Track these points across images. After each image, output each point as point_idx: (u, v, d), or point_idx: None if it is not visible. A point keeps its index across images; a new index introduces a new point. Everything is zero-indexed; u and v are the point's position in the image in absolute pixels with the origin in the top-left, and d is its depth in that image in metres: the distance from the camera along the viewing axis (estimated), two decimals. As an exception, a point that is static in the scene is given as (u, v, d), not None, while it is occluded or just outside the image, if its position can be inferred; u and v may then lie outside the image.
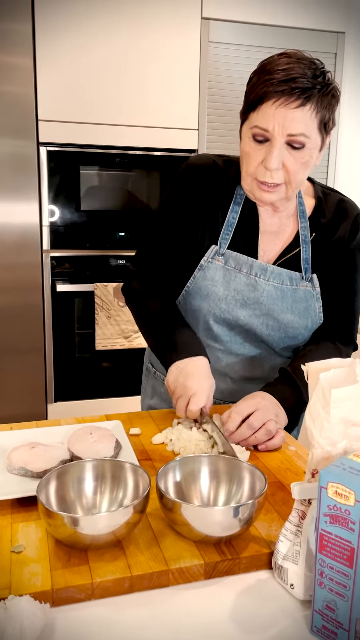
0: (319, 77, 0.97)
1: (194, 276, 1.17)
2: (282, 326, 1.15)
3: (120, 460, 0.80)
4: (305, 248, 1.15)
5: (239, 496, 0.79)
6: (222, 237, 1.15)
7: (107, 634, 0.62)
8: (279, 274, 1.14)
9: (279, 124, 0.97)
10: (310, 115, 0.97)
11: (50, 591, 0.65)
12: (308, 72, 0.96)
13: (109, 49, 2.40)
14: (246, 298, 1.14)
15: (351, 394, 0.64)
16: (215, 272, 1.15)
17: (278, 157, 0.99)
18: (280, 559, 0.69)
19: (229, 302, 1.15)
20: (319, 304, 1.17)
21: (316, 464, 0.66)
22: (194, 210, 1.16)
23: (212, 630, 0.62)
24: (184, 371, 1.05)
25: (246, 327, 1.16)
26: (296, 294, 1.15)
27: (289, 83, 0.95)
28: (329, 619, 0.60)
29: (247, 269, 1.14)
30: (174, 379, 1.06)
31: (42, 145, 2.38)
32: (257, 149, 1.01)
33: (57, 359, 2.57)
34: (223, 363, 1.22)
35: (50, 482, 0.75)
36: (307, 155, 1.01)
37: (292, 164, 1.00)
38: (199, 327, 1.20)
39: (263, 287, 1.14)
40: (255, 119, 0.99)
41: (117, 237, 2.57)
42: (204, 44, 2.53)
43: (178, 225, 1.18)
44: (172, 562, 0.69)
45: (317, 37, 2.69)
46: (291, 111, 0.96)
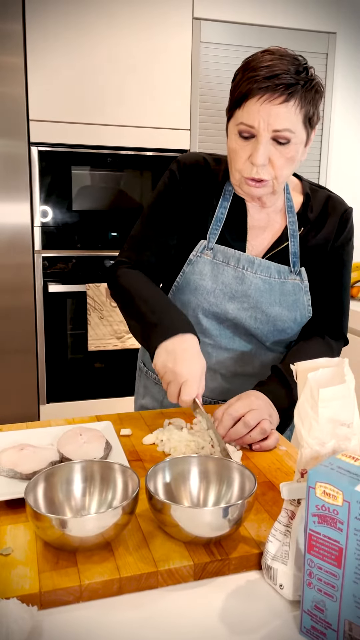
0: (302, 72, 0.98)
1: (183, 271, 1.18)
2: (270, 319, 1.16)
3: (109, 462, 0.79)
4: (293, 242, 1.16)
5: (229, 496, 0.79)
6: (211, 232, 1.16)
7: (95, 637, 0.61)
8: (267, 267, 1.15)
9: (264, 120, 0.98)
10: (294, 110, 0.98)
11: (38, 594, 0.64)
12: (291, 69, 0.97)
13: (100, 49, 2.39)
14: (234, 291, 1.15)
15: (339, 394, 0.64)
16: (204, 266, 1.16)
17: (264, 153, 1.00)
18: (269, 559, 0.68)
19: (217, 296, 1.15)
20: (308, 297, 1.18)
21: (305, 463, 0.66)
22: (183, 207, 1.17)
23: (201, 632, 0.62)
24: (172, 354, 0.99)
25: (235, 320, 1.17)
26: (284, 287, 1.16)
27: (272, 79, 0.96)
28: (317, 619, 0.60)
29: (234, 262, 1.15)
30: (162, 363, 1.00)
31: (33, 145, 2.38)
32: (244, 145, 1.02)
33: (49, 360, 2.56)
34: (213, 359, 1.21)
35: (38, 483, 0.74)
36: (293, 150, 1.02)
37: (278, 159, 1.02)
38: None
39: (251, 280, 1.14)
40: (241, 115, 1.00)
41: (109, 237, 2.56)
42: (195, 44, 2.53)
43: (167, 221, 1.19)
44: (162, 563, 0.69)
45: (309, 38, 2.69)
46: (275, 107, 0.97)
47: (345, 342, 1.25)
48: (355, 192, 2.94)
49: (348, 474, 0.57)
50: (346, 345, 1.26)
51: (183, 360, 0.99)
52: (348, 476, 0.57)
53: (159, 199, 1.20)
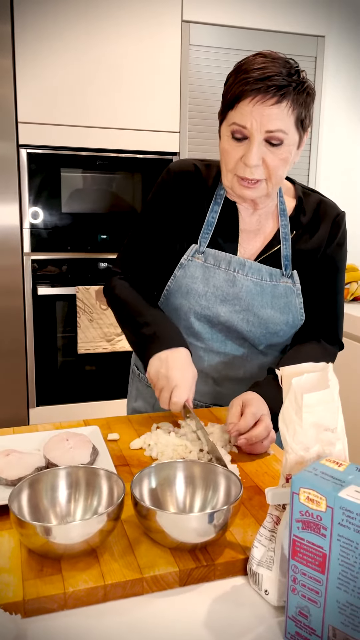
0: (294, 75, 0.99)
1: (174, 275, 1.18)
2: (262, 322, 1.16)
3: (94, 467, 0.79)
4: (285, 245, 1.16)
5: (215, 502, 0.79)
6: (202, 236, 1.16)
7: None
8: (258, 270, 1.15)
9: (256, 121, 0.98)
10: (287, 112, 0.99)
11: (21, 602, 0.64)
12: (283, 71, 0.98)
13: (89, 51, 2.39)
14: (225, 294, 1.15)
15: (323, 399, 0.64)
16: (195, 270, 1.16)
17: (257, 154, 1.01)
18: (254, 564, 0.68)
19: (209, 299, 1.16)
20: (300, 300, 1.18)
21: (290, 468, 0.66)
22: (175, 214, 1.18)
23: (187, 638, 0.62)
24: (165, 362, 1.05)
25: (227, 323, 1.17)
26: (276, 289, 1.16)
27: (264, 81, 0.97)
28: (302, 625, 0.60)
29: (225, 264, 1.15)
30: (155, 370, 1.05)
31: (22, 148, 2.37)
32: (236, 147, 1.03)
33: (39, 363, 2.55)
34: (205, 363, 1.21)
35: (22, 490, 0.74)
36: (286, 151, 1.02)
37: (272, 159, 1.02)
38: (180, 325, 1.20)
39: (242, 282, 1.15)
40: (234, 116, 1.01)
41: (98, 239, 2.55)
42: (184, 47, 2.53)
43: (160, 229, 1.19)
44: (147, 570, 0.69)
45: (298, 41, 2.70)
46: (268, 108, 0.98)
47: (340, 346, 1.25)
48: (345, 194, 2.95)
49: (332, 479, 0.57)
50: (341, 349, 1.26)
51: (175, 367, 1.04)
52: (332, 482, 0.57)
53: (151, 209, 1.21)
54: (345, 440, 0.66)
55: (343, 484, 0.56)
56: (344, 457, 0.66)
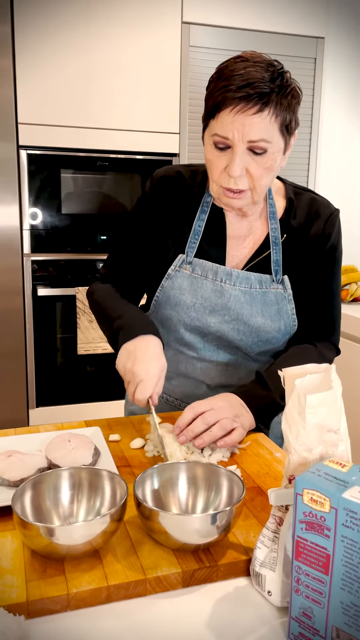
0: (277, 79, 0.96)
1: (162, 286, 1.16)
2: (253, 330, 1.14)
3: (97, 468, 0.79)
4: (275, 250, 1.14)
5: (217, 503, 0.79)
6: (189, 246, 1.14)
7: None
8: (247, 278, 1.13)
9: (238, 131, 0.96)
10: (269, 119, 0.96)
11: (25, 603, 0.64)
12: (265, 76, 0.95)
13: (89, 53, 2.39)
14: (214, 304, 1.13)
15: (326, 400, 0.64)
16: (183, 281, 1.14)
17: (240, 164, 0.98)
18: (257, 565, 0.68)
19: (198, 310, 1.14)
20: (292, 305, 1.15)
21: (293, 469, 0.66)
22: (160, 222, 1.16)
23: (189, 639, 0.62)
24: (132, 354, 1.01)
25: (217, 333, 1.15)
26: (266, 297, 1.14)
27: (245, 89, 0.94)
28: (305, 626, 0.60)
29: (212, 275, 1.13)
30: (122, 363, 1.02)
31: (22, 149, 2.37)
32: (219, 156, 1.01)
33: (39, 363, 2.55)
34: (198, 370, 1.20)
35: (25, 491, 0.74)
36: (270, 159, 1.00)
37: (256, 169, 1.00)
38: (172, 336, 1.19)
39: (230, 292, 1.13)
40: (215, 126, 0.98)
41: (98, 240, 2.56)
42: (184, 48, 2.53)
43: (145, 238, 1.18)
44: (150, 571, 0.69)
45: (297, 42, 2.71)
46: (249, 117, 0.95)
47: (337, 351, 1.22)
48: (344, 194, 2.96)
49: (335, 480, 0.57)
50: (338, 354, 1.22)
51: (142, 360, 1.00)
52: (335, 483, 0.57)
53: (135, 216, 1.19)
54: (348, 442, 0.66)
55: (347, 485, 0.56)
56: (347, 458, 0.66)
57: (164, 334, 1.19)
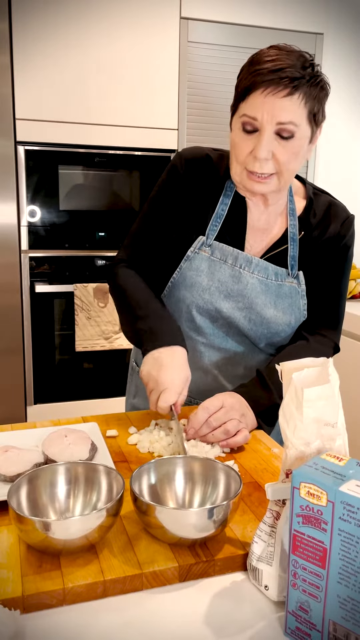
0: (308, 68, 0.98)
1: (180, 267, 1.16)
2: (264, 321, 1.15)
3: (93, 463, 0.79)
4: (293, 245, 1.15)
5: (214, 497, 0.79)
6: (210, 229, 1.15)
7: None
8: (265, 268, 1.14)
9: (267, 113, 0.97)
10: (299, 104, 0.97)
11: (20, 597, 0.63)
12: (297, 63, 0.97)
13: (88, 48, 2.38)
14: (230, 289, 1.14)
15: (323, 394, 0.64)
16: (201, 263, 1.15)
17: (267, 146, 0.99)
18: (254, 560, 0.68)
19: (213, 293, 1.14)
20: (304, 301, 1.17)
21: (290, 464, 0.66)
22: (183, 202, 1.16)
23: (186, 634, 0.62)
24: (158, 362, 1.02)
25: (229, 320, 1.16)
26: (281, 289, 1.15)
27: (277, 72, 0.96)
28: (302, 620, 0.60)
29: (232, 260, 1.14)
30: (147, 371, 1.03)
31: (20, 145, 2.36)
32: (247, 139, 1.01)
33: (37, 360, 2.54)
34: (205, 358, 1.21)
35: (21, 486, 0.73)
36: (297, 145, 1.01)
37: (282, 154, 1.00)
38: (182, 318, 1.19)
39: (247, 279, 1.13)
40: (244, 108, 1.00)
41: (97, 237, 2.55)
42: (183, 43, 2.52)
43: (167, 216, 1.18)
44: (146, 565, 0.69)
45: (296, 38, 2.70)
46: (279, 100, 0.96)
47: (336, 349, 1.22)
48: (343, 192, 2.94)
49: (332, 474, 0.57)
50: (337, 352, 1.22)
51: (167, 369, 1.01)
52: (332, 476, 0.57)
53: (159, 194, 1.19)
54: (346, 436, 0.66)
55: (344, 478, 0.56)
56: (344, 452, 0.66)
57: (175, 315, 1.19)
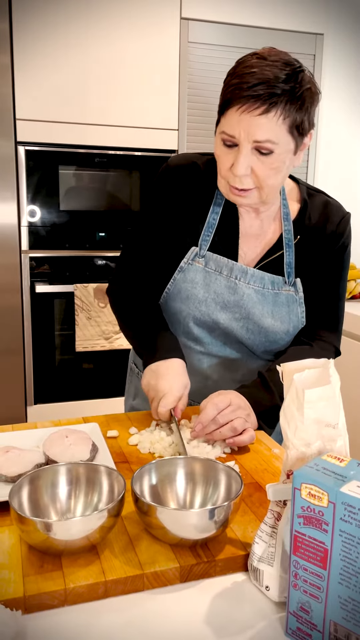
0: (292, 78, 0.93)
1: (174, 278, 1.16)
2: (262, 330, 1.14)
3: (94, 464, 0.79)
4: (288, 252, 1.13)
5: (215, 498, 0.79)
6: (203, 239, 1.13)
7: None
8: (261, 278, 1.13)
9: (244, 131, 0.94)
10: (276, 121, 0.94)
11: (22, 598, 0.63)
12: (280, 76, 0.92)
13: (88, 48, 2.38)
14: (226, 301, 1.13)
15: (324, 395, 0.64)
16: (196, 274, 1.14)
17: (244, 163, 0.97)
18: (255, 560, 0.68)
19: (209, 305, 1.14)
20: (302, 309, 1.15)
21: (291, 465, 0.66)
22: (174, 211, 1.15)
23: (187, 634, 0.62)
24: (156, 373, 1.06)
25: (226, 330, 1.15)
26: (278, 298, 1.13)
27: (254, 88, 0.91)
28: (303, 620, 0.60)
29: (227, 271, 1.13)
30: (146, 381, 1.08)
31: (20, 145, 2.36)
32: (227, 153, 0.99)
33: (37, 360, 2.54)
34: (205, 364, 1.21)
35: (23, 486, 0.73)
36: (278, 160, 0.98)
37: (261, 169, 0.98)
38: (180, 329, 1.19)
39: (243, 290, 1.12)
40: (223, 124, 0.98)
41: (97, 237, 2.55)
42: (183, 44, 2.52)
43: (159, 227, 1.17)
44: (147, 566, 0.69)
45: (296, 39, 2.70)
46: (255, 118, 0.93)
47: (337, 353, 1.21)
48: (343, 192, 2.95)
49: (333, 475, 0.57)
50: (338, 356, 1.21)
51: (164, 377, 1.05)
52: (333, 477, 0.57)
53: (150, 206, 1.18)
54: (347, 437, 0.66)
55: (345, 479, 0.56)
56: (345, 453, 0.66)
57: (172, 326, 1.19)
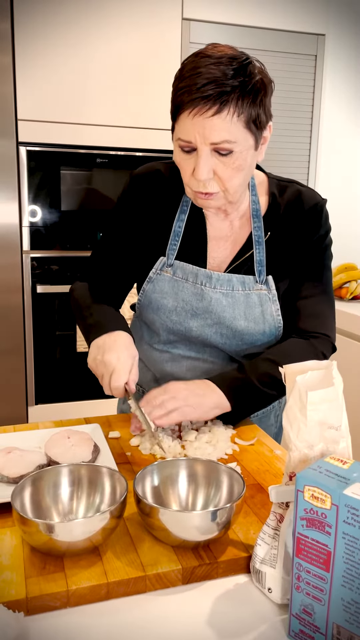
0: (239, 73, 0.90)
1: (143, 289, 1.14)
2: (236, 334, 1.11)
3: (97, 465, 0.79)
4: (259, 249, 1.10)
5: (217, 500, 0.79)
6: (170, 248, 1.12)
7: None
8: (228, 280, 1.10)
9: (199, 134, 0.92)
10: (230, 119, 0.91)
11: (24, 599, 0.63)
12: (228, 72, 0.89)
13: (89, 49, 2.38)
14: (195, 308, 1.11)
15: (327, 397, 0.64)
16: (164, 284, 1.12)
17: (205, 167, 0.95)
18: (258, 562, 0.68)
19: (179, 314, 1.12)
20: (276, 307, 1.11)
21: (294, 466, 0.66)
22: (138, 222, 1.13)
23: (189, 636, 0.62)
24: (102, 347, 1.00)
25: (200, 337, 1.13)
26: (249, 299, 1.10)
27: (202, 89, 0.89)
28: (306, 623, 0.60)
29: (192, 278, 1.10)
30: (92, 358, 1.01)
31: (21, 145, 2.36)
32: (187, 159, 0.97)
33: (38, 360, 2.54)
34: (184, 368, 1.18)
35: (25, 488, 0.73)
36: (239, 159, 0.95)
37: (223, 170, 0.96)
38: (156, 339, 1.18)
39: (210, 295, 1.10)
40: (178, 130, 0.96)
41: (98, 237, 2.55)
42: (184, 44, 2.52)
43: (124, 238, 1.16)
44: (150, 567, 0.69)
45: (298, 39, 2.70)
46: (208, 120, 0.90)
47: (333, 348, 1.16)
48: (344, 192, 2.95)
49: (336, 477, 0.57)
50: (334, 352, 1.17)
51: (111, 350, 0.99)
52: (336, 479, 0.57)
53: (112, 217, 1.18)
54: (349, 439, 0.66)
55: (348, 481, 0.56)
56: (347, 455, 0.66)
57: (150, 335, 1.19)
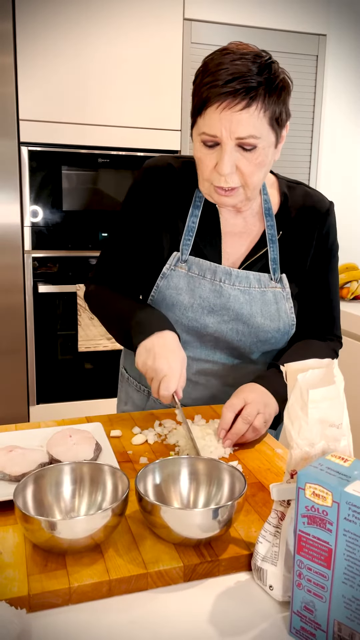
0: (265, 71, 0.93)
1: (157, 285, 1.13)
2: (252, 331, 1.12)
3: (98, 463, 0.79)
4: (272, 248, 1.11)
5: (219, 498, 0.79)
6: (184, 243, 1.11)
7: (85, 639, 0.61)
8: (246, 277, 1.11)
9: (226, 129, 0.93)
10: (257, 115, 0.93)
11: (26, 597, 0.64)
12: (253, 68, 0.91)
13: (91, 49, 2.38)
14: (212, 305, 1.11)
15: (328, 395, 0.64)
16: (179, 280, 1.11)
17: (229, 162, 0.96)
18: (259, 560, 0.68)
19: (196, 310, 1.11)
20: (290, 304, 1.13)
21: (295, 464, 0.66)
22: (151, 215, 1.13)
23: (191, 633, 0.62)
24: (152, 352, 1.00)
25: (215, 334, 1.13)
26: (265, 296, 1.11)
27: (231, 84, 0.90)
28: (307, 620, 0.60)
29: (210, 274, 1.11)
30: (142, 362, 1.01)
31: (23, 145, 2.36)
32: (209, 154, 0.98)
33: (39, 360, 2.55)
34: (194, 370, 1.18)
35: (27, 485, 0.74)
36: (261, 155, 0.97)
37: (246, 166, 0.97)
38: None
39: (229, 292, 1.10)
40: (202, 124, 0.96)
41: (99, 237, 2.55)
42: (186, 45, 2.53)
43: (136, 233, 1.15)
44: (151, 565, 0.69)
45: (299, 40, 2.70)
46: (237, 114, 0.92)
47: (340, 344, 1.21)
48: (345, 192, 2.96)
49: (337, 474, 0.57)
50: (341, 347, 1.22)
51: (161, 356, 0.99)
52: (337, 477, 0.57)
53: (123, 211, 1.17)
54: (350, 437, 0.66)
55: (349, 479, 0.56)
56: (349, 453, 0.66)
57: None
